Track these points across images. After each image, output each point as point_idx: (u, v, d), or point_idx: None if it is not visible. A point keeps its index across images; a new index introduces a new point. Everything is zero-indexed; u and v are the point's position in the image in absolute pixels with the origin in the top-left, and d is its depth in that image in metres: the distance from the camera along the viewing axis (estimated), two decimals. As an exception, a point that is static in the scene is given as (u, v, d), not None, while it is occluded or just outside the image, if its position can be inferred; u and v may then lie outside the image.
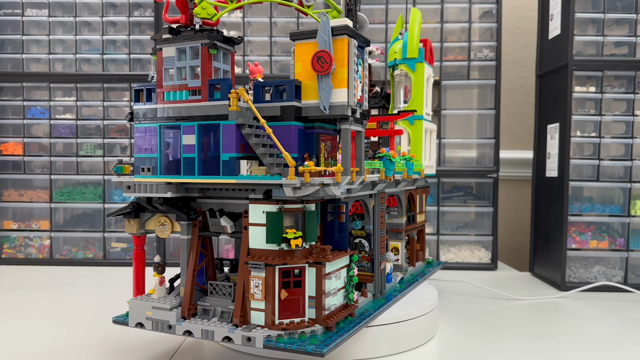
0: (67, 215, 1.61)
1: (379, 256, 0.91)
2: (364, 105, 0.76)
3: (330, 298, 0.75)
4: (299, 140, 0.74)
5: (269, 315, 0.70)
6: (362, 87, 0.75)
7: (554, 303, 1.21)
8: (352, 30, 0.71)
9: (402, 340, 0.87)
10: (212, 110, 0.72)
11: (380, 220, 0.92)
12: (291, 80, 0.73)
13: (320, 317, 0.72)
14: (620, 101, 1.35)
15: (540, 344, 0.92)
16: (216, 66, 0.76)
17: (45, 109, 1.59)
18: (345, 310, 0.78)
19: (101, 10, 1.58)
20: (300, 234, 0.70)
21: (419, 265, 1.20)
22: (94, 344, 0.89)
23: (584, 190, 1.37)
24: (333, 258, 0.73)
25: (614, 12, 1.34)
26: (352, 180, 0.74)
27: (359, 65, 0.73)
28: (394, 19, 1.56)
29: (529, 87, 1.90)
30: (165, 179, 0.75)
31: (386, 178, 0.90)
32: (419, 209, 1.20)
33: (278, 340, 0.69)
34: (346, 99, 0.70)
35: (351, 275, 0.80)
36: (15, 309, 1.10)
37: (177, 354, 0.85)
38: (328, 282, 0.74)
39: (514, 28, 1.90)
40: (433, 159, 1.25)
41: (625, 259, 1.33)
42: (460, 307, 1.15)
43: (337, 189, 0.70)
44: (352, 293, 0.79)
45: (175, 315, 0.75)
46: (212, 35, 0.73)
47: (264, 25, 1.56)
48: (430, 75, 1.19)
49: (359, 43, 0.73)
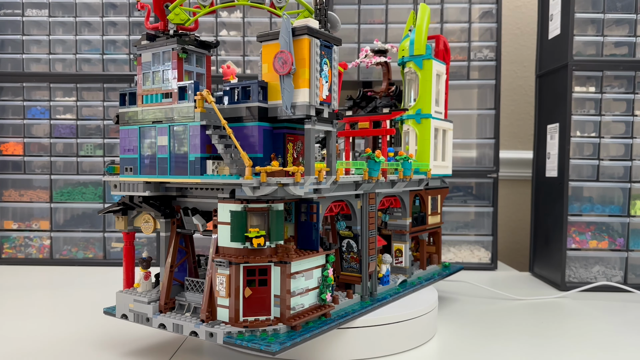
0: (67, 215, 1.61)
1: (367, 257, 0.90)
2: (333, 105, 0.76)
3: (298, 298, 0.75)
4: (264, 141, 0.75)
5: (233, 312, 0.72)
6: (330, 87, 0.75)
7: (554, 303, 1.21)
8: (313, 30, 0.71)
9: (402, 340, 0.87)
10: (181, 112, 0.76)
11: (370, 221, 0.90)
12: (256, 82, 0.74)
13: (285, 316, 0.72)
14: (620, 101, 1.35)
15: (540, 344, 0.92)
16: (188, 69, 0.79)
17: (46, 109, 1.59)
18: (318, 311, 0.77)
19: (101, 11, 1.58)
20: (264, 233, 0.71)
21: (431, 269, 1.16)
22: (94, 344, 0.89)
23: (583, 190, 1.37)
24: (297, 258, 0.73)
25: (613, 12, 1.34)
26: (319, 180, 0.74)
27: (324, 64, 0.73)
28: (394, 19, 1.57)
29: (528, 87, 1.90)
30: (143, 179, 0.80)
31: (370, 178, 0.88)
32: (431, 210, 1.16)
33: (238, 337, 0.70)
34: (308, 99, 0.71)
35: (325, 276, 0.79)
36: (15, 309, 1.11)
37: (178, 353, 0.85)
38: (294, 281, 0.74)
39: (513, 28, 1.90)
40: (449, 158, 1.19)
41: (625, 259, 1.33)
42: (460, 307, 1.15)
43: (299, 188, 0.70)
44: (325, 294, 0.79)
45: (152, 308, 0.79)
46: (183, 40, 0.76)
47: (263, 26, 1.56)
48: (441, 72, 1.14)
49: (322, 43, 0.73)
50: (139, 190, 0.80)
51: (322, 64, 0.72)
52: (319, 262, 0.79)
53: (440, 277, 1.13)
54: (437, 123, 1.13)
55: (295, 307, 0.75)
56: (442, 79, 1.16)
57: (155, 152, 0.79)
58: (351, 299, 0.88)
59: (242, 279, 0.72)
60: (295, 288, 0.74)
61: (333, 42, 0.75)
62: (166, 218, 0.81)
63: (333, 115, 0.76)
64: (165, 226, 0.81)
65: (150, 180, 0.79)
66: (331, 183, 0.78)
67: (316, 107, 0.72)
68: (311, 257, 0.76)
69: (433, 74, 1.10)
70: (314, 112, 0.71)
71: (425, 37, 1.10)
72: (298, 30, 0.71)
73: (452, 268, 1.23)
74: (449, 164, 1.20)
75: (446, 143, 1.18)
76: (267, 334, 0.71)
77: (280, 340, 0.69)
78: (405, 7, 1.56)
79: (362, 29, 1.56)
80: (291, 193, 0.70)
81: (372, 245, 0.91)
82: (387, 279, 0.99)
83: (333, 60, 0.75)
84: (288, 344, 0.68)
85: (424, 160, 1.09)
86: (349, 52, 1.58)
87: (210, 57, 0.83)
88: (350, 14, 1.57)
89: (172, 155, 0.77)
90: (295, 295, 0.74)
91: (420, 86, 1.11)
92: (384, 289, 0.97)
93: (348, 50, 1.58)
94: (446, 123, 1.17)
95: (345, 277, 0.92)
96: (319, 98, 0.72)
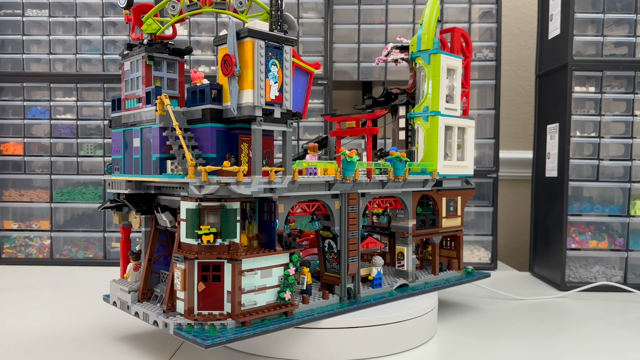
0: (67, 215, 1.61)
1: (346, 259, 0.89)
2: (285, 105, 0.76)
3: (251, 295, 0.76)
4: (217, 141, 0.78)
5: (187, 305, 0.75)
6: (281, 87, 0.76)
7: (554, 303, 1.21)
8: (256, 32, 0.72)
9: (401, 340, 0.87)
10: (147, 115, 0.82)
11: (350, 222, 0.89)
12: (209, 84, 0.77)
13: (235, 312, 0.74)
14: (620, 101, 1.35)
15: (540, 344, 0.92)
16: (158, 75, 0.84)
17: (46, 109, 1.59)
18: (278, 309, 0.78)
19: (101, 11, 1.58)
20: (215, 230, 0.74)
21: (447, 275, 1.10)
22: (95, 344, 0.90)
23: (583, 190, 1.37)
24: (248, 256, 0.74)
25: (613, 12, 1.34)
26: (270, 179, 0.75)
27: (271, 65, 0.74)
28: (394, 19, 1.57)
29: (528, 87, 1.90)
30: (125, 177, 0.86)
31: (345, 178, 0.87)
32: (447, 212, 1.10)
33: (187, 329, 0.73)
34: (252, 100, 0.72)
35: (286, 275, 0.79)
36: (16, 309, 1.11)
37: (178, 353, 0.85)
38: (247, 278, 0.75)
39: (513, 28, 1.90)
40: (469, 157, 1.13)
41: (624, 258, 1.33)
42: (460, 307, 1.15)
43: (244, 188, 0.72)
44: (284, 292, 0.79)
45: (132, 297, 0.85)
46: (151, 48, 0.82)
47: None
48: (455, 66, 1.08)
49: (269, 44, 0.74)
50: (122, 188, 0.86)
51: (269, 65, 0.74)
52: (280, 260, 0.80)
53: (454, 284, 1.07)
54: (450, 120, 1.07)
55: (245, 304, 0.75)
56: (458, 74, 1.10)
57: (132, 153, 0.86)
58: (327, 300, 0.88)
59: (197, 274, 0.75)
60: (247, 285, 0.75)
61: (284, 43, 0.76)
62: (143, 214, 0.86)
63: (288, 116, 0.77)
64: (145, 222, 0.87)
65: (130, 179, 0.85)
66: (289, 183, 0.78)
67: (263, 107, 0.73)
68: (267, 256, 0.77)
69: (442, 69, 1.05)
70: (260, 112, 0.73)
71: (433, 31, 1.05)
72: (242, 33, 0.73)
73: (477, 274, 1.15)
74: (468, 163, 1.13)
75: (466, 141, 1.12)
76: (214, 328, 0.73)
77: (222, 334, 0.71)
78: (405, 7, 1.56)
79: (362, 29, 1.57)
80: (237, 192, 0.72)
81: (353, 247, 0.90)
82: (379, 282, 0.96)
83: (284, 61, 0.76)
84: (225, 339, 0.70)
85: (431, 160, 1.05)
86: (349, 52, 1.58)
87: (183, 63, 0.88)
88: (350, 14, 1.57)
89: (143, 156, 0.83)
90: (248, 292, 0.75)
91: (427, 82, 1.06)
92: (373, 291, 0.95)
93: (348, 50, 1.58)
94: (464, 120, 1.11)
95: (327, 278, 0.92)
96: (266, 98, 0.73)
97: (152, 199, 0.88)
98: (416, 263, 1.05)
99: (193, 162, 0.71)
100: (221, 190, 0.71)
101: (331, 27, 1.55)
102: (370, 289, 0.95)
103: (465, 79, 1.15)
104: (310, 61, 1.54)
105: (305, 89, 0.84)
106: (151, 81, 0.83)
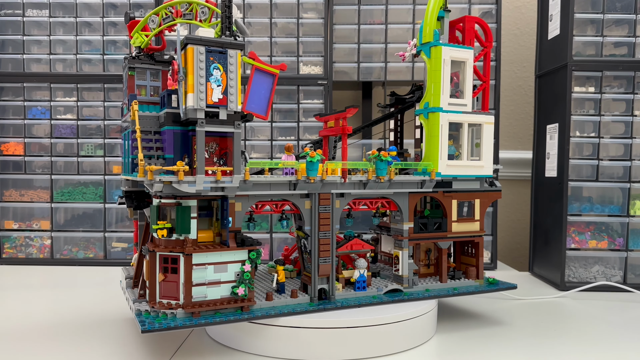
0: (67, 215, 1.62)
1: (317, 259, 0.89)
2: (231, 106, 0.80)
3: (203, 288, 0.81)
4: (175, 143, 0.83)
5: (150, 293, 0.82)
6: (225, 90, 0.79)
7: (554, 303, 1.21)
8: (194, 39, 0.77)
9: (401, 340, 0.88)
10: (128, 119, 0.90)
11: (322, 222, 0.90)
12: (166, 90, 0.83)
13: (185, 302, 0.79)
14: (620, 101, 1.35)
15: (540, 344, 0.93)
16: (141, 84, 0.93)
17: (46, 109, 1.60)
18: (233, 303, 0.82)
19: (102, 11, 1.58)
20: (169, 225, 0.80)
21: (459, 283, 1.03)
22: (95, 343, 0.90)
23: (583, 190, 1.37)
24: (198, 251, 0.79)
25: (613, 12, 1.34)
26: (217, 179, 0.79)
27: (213, 70, 0.78)
28: (394, 20, 1.57)
29: (528, 88, 1.90)
30: (123, 177, 0.96)
31: (309, 178, 0.87)
32: (458, 215, 1.02)
33: (145, 315, 0.81)
34: (193, 103, 0.77)
35: (242, 271, 0.82)
36: (16, 309, 1.11)
37: (178, 353, 0.86)
38: (197, 272, 0.80)
39: (513, 28, 1.90)
40: (486, 157, 1.03)
41: (624, 258, 1.33)
42: (460, 307, 1.15)
43: (187, 186, 0.77)
44: (237, 287, 0.82)
45: (126, 283, 0.95)
46: (132, 60, 0.92)
47: (264, 26, 1.56)
48: (463, 58, 1.00)
49: (211, 49, 0.78)
50: (124, 186, 0.96)
51: (210, 69, 0.78)
52: (237, 257, 0.83)
53: (461, 293, 0.99)
54: (458, 117, 1.00)
55: (195, 296, 0.80)
56: (468, 66, 1.01)
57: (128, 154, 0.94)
58: (295, 299, 0.89)
59: (158, 266, 0.81)
60: (197, 278, 0.80)
61: (228, 47, 0.79)
62: (135, 209, 0.95)
63: (236, 117, 0.81)
64: (140, 216, 0.96)
65: (127, 178, 0.94)
66: (240, 182, 0.82)
67: (205, 110, 0.78)
68: (220, 251, 0.81)
69: (445, 62, 0.98)
70: (203, 114, 0.78)
71: (433, 23, 1.00)
72: (184, 41, 0.78)
73: (500, 285, 1.05)
74: (485, 163, 1.03)
75: (482, 139, 1.03)
76: (166, 316, 0.79)
77: (165, 322, 0.77)
78: (405, 7, 1.56)
79: (362, 29, 1.57)
80: (183, 190, 0.77)
81: (325, 247, 0.90)
82: (362, 285, 0.94)
83: (229, 65, 0.79)
84: (164, 326, 0.76)
85: (432, 159, 0.98)
86: (349, 52, 1.58)
87: (166, 72, 0.96)
88: (350, 14, 1.57)
89: (127, 157, 0.93)
90: (199, 285, 0.80)
91: (428, 77, 1.00)
92: (354, 294, 0.93)
93: (348, 51, 1.58)
94: (478, 116, 1.02)
95: (303, 278, 0.93)
96: (207, 101, 0.78)
97: (147, 196, 0.94)
98: (414, 268, 0.98)
99: (142, 162, 0.77)
100: (167, 189, 0.77)
101: (331, 27, 1.55)
102: (351, 292, 0.94)
103: (485, 71, 1.05)
104: (311, 61, 1.56)
105: (270, 90, 0.86)
106: (134, 89, 0.92)
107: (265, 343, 0.84)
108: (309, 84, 1.55)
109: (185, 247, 0.79)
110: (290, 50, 1.58)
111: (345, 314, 0.86)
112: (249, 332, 0.85)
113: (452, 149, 1.02)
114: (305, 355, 0.83)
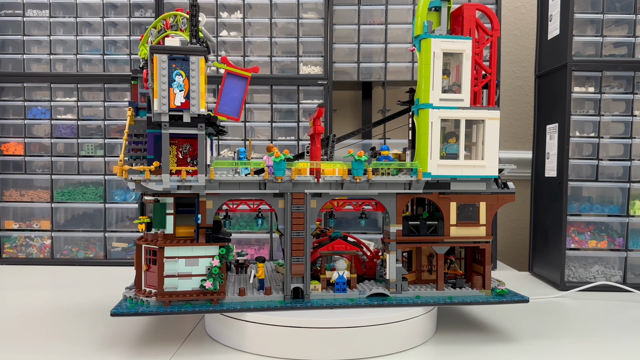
0: (68, 215, 1.62)
1: (290, 258, 0.90)
2: (193, 110, 0.84)
3: (174, 279, 0.87)
4: (155, 145, 0.90)
5: (137, 282, 0.91)
6: (187, 94, 0.84)
7: (553, 303, 1.21)
8: (157, 49, 0.83)
9: (400, 340, 0.88)
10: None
11: (295, 221, 0.90)
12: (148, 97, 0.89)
13: (158, 292, 0.86)
14: (619, 101, 1.35)
15: (540, 344, 0.93)
16: (142, 92, 0.99)
17: (46, 109, 1.60)
18: (202, 296, 0.87)
19: (102, 11, 1.58)
20: (148, 220, 0.88)
21: (459, 292, 0.95)
22: (95, 343, 0.90)
23: (583, 190, 1.37)
24: (168, 245, 0.86)
25: (613, 12, 1.34)
26: (182, 177, 0.85)
27: (176, 76, 0.84)
28: (394, 20, 1.57)
29: (528, 88, 1.91)
30: None
31: (277, 178, 0.88)
32: (458, 219, 0.96)
33: (128, 300, 0.89)
34: (157, 108, 0.84)
35: (211, 266, 0.87)
36: (16, 309, 1.11)
37: (178, 353, 0.86)
38: (168, 264, 0.86)
39: (513, 29, 1.90)
40: (490, 156, 0.96)
41: (624, 258, 1.33)
42: (459, 307, 1.15)
43: (155, 185, 0.84)
44: (205, 281, 0.86)
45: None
46: (137, 70, 0.98)
47: (264, 26, 1.56)
48: (460, 49, 0.93)
49: (173, 57, 0.83)
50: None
51: (173, 75, 0.84)
52: (208, 252, 0.88)
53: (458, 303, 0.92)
54: (452, 113, 0.94)
55: (166, 287, 0.86)
56: (466, 58, 0.94)
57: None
58: (269, 296, 0.90)
59: (143, 257, 0.89)
60: (170, 271, 0.86)
61: (189, 54, 0.84)
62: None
63: (200, 119, 0.85)
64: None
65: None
66: (206, 181, 0.87)
67: (169, 113, 0.84)
68: (190, 246, 0.87)
69: (436, 55, 0.92)
70: (167, 118, 0.84)
71: (423, 14, 0.95)
72: (150, 51, 0.84)
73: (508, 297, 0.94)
74: (488, 162, 0.96)
75: (485, 137, 0.96)
76: (143, 303, 0.87)
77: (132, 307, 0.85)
78: (405, 8, 1.56)
79: (362, 29, 1.57)
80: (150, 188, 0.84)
81: (299, 247, 0.90)
82: (342, 287, 0.92)
83: (190, 70, 0.84)
84: (132, 312, 0.84)
85: (420, 159, 0.94)
86: (349, 52, 1.58)
87: None
88: (350, 14, 1.57)
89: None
90: (170, 277, 0.86)
91: (419, 71, 0.95)
92: (331, 295, 0.92)
93: (348, 51, 1.58)
94: (479, 112, 0.95)
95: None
96: (170, 105, 0.84)
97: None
98: (403, 272, 0.94)
99: (120, 163, 0.84)
100: (138, 187, 0.84)
101: (331, 28, 1.55)
102: (330, 293, 0.92)
103: (491, 62, 0.98)
104: (311, 62, 1.56)
105: (243, 93, 0.90)
106: (137, 97, 0.99)
107: (266, 343, 0.84)
108: (309, 84, 1.55)
109: (158, 240, 0.86)
110: (290, 51, 1.58)
111: (287, 311, 0.87)
112: (249, 332, 0.86)
113: (455, 147, 0.96)
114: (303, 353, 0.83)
